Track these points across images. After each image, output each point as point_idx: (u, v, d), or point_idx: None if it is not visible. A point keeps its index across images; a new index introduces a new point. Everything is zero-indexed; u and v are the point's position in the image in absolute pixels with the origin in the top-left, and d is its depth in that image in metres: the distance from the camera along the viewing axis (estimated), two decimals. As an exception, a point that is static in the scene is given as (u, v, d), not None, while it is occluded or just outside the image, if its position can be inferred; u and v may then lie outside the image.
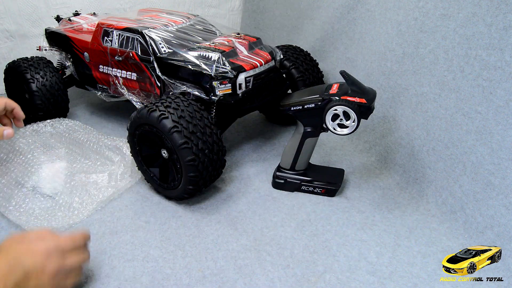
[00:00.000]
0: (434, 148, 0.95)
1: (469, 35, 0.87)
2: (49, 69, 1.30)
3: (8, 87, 1.37)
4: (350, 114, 0.83)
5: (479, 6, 0.85)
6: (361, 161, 1.14)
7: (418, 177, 0.99)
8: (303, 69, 1.22)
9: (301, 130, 0.94)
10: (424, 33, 0.99)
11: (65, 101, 1.34)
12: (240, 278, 0.75)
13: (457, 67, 0.90)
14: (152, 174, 0.97)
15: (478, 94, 0.85)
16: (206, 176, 0.90)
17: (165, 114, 0.86)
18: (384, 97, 1.12)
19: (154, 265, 0.78)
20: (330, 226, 0.89)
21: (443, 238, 0.85)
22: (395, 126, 1.08)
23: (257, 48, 1.12)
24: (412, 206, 0.95)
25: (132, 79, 1.16)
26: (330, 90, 0.88)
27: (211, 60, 1.00)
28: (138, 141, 0.96)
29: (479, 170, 0.84)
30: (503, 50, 0.79)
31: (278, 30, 1.72)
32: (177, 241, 0.84)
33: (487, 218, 0.81)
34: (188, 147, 0.85)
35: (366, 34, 1.23)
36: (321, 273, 0.76)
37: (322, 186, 0.98)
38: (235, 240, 0.85)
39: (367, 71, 1.20)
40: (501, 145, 0.80)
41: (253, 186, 1.03)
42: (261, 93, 1.06)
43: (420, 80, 1.00)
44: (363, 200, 0.97)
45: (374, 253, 0.81)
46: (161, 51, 1.08)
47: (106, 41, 1.17)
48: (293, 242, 0.84)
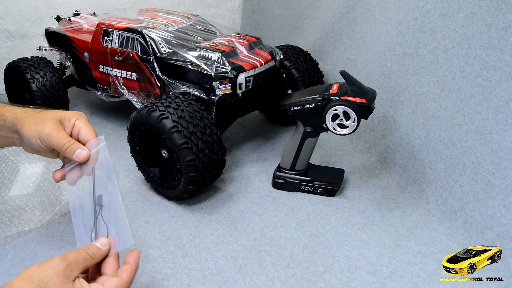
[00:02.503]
0: (434, 148, 0.95)
1: (469, 35, 0.87)
2: (49, 69, 1.30)
3: (8, 87, 1.37)
4: (350, 114, 0.83)
5: (479, 6, 0.85)
6: (361, 161, 1.14)
7: (418, 177, 0.99)
8: (303, 69, 1.22)
9: (301, 130, 0.94)
10: (424, 33, 0.99)
11: (65, 101, 1.34)
12: (240, 278, 0.75)
13: (457, 67, 0.90)
14: (152, 174, 0.97)
15: (478, 94, 0.85)
16: (206, 176, 0.90)
17: (165, 114, 0.86)
18: (384, 97, 1.12)
19: (154, 265, 0.78)
20: (330, 226, 0.89)
21: (443, 238, 0.85)
22: (395, 126, 1.08)
23: (257, 48, 1.12)
24: (412, 206, 0.95)
25: (132, 79, 1.16)
26: (330, 90, 0.88)
27: (211, 60, 1.00)
28: (138, 141, 0.96)
29: (479, 170, 0.84)
30: (503, 50, 0.79)
31: (278, 30, 1.72)
32: (177, 241, 0.84)
33: (487, 218, 0.81)
34: (188, 147, 0.85)
35: (366, 34, 1.23)
36: (321, 273, 0.76)
37: (322, 186, 0.98)
38: (235, 240, 0.85)
39: (367, 71, 1.20)
40: (501, 145, 0.80)
41: (253, 186, 1.03)
42: (261, 93, 1.06)
43: (420, 80, 1.00)
44: (363, 200, 0.97)
45: (374, 253, 0.81)
46: (161, 51, 1.08)
47: (106, 41, 1.17)
48: (293, 242, 0.84)
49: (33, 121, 0.69)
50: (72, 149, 0.69)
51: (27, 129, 0.69)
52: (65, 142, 0.68)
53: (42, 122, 0.69)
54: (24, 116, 0.70)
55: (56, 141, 0.68)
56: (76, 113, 0.73)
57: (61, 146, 0.68)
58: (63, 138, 0.68)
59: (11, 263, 0.79)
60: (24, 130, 0.69)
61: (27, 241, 0.84)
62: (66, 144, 0.68)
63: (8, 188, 0.94)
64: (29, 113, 0.71)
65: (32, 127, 0.69)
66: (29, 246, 0.83)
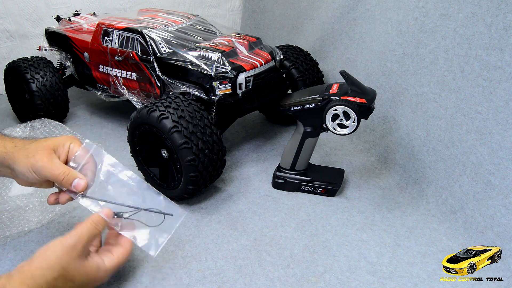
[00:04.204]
0: (434, 148, 0.95)
1: (469, 35, 0.87)
2: (49, 69, 1.30)
3: (8, 87, 1.37)
4: (350, 114, 0.83)
5: (479, 6, 0.85)
6: (361, 161, 1.14)
7: (418, 177, 0.99)
8: (303, 69, 1.22)
9: (301, 130, 0.94)
10: (424, 33, 0.99)
11: (65, 101, 1.34)
12: (240, 278, 0.75)
13: (457, 67, 0.90)
14: (152, 174, 0.97)
15: (478, 94, 0.85)
16: (206, 176, 0.90)
17: (165, 114, 0.86)
18: (384, 97, 1.12)
19: (154, 265, 0.78)
20: (330, 226, 0.89)
21: (443, 238, 0.85)
22: (395, 126, 1.08)
23: (257, 48, 1.12)
24: (412, 206, 0.95)
25: (132, 79, 1.16)
26: (330, 90, 0.88)
27: (211, 60, 1.00)
28: (138, 141, 0.96)
29: (479, 170, 0.84)
30: (503, 50, 0.79)
31: (278, 30, 1.72)
32: (177, 241, 0.84)
33: (487, 218, 0.81)
34: (188, 147, 0.85)
35: (366, 34, 1.23)
36: (321, 273, 0.76)
37: (322, 186, 0.98)
38: (235, 240, 0.85)
39: (367, 71, 1.20)
40: (501, 145, 0.80)
41: (253, 186, 1.03)
42: (261, 93, 1.06)
43: (420, 80, 1.00)
44: (363, 200, 0.97)
45: (374, 253, 0.81)
46: (161, 51, 1.08)
47: (106, 41, 1.17)
48: (293, 242, 0.84)
49: (24, 155, 0.67)
50: (69, 180, 0.68)
51: (19, 163, 0.67)
52: (61, 173, 0.67)
53: (34, 154, 0.67)
54: (14, 150, 0.68)
55: (51, 173, 0.67)
56: (69, 137, 0.72)
57: (56, 178, 0.67)
58: (58, 168, 0.67)
59: (11, 263, 0.79)
60: (16, 165, 0.67)
61: (27, 241, 0.84)
62: (62, 175, 0.67)
63: (8, 188, 0.95)
64: (19, 146, 0.69)
65: (24, 161, 0.67)
66: (29, 246, 0.83)
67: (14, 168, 0.68)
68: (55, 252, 0.60)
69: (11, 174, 0.71)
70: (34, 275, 0.58)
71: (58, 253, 0.60)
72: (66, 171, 0.68)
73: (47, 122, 1.24)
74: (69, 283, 0.61)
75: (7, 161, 0.68)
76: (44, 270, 0.59)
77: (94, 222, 0.66)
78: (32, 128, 1.21)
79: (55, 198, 0.71)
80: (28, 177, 0.67)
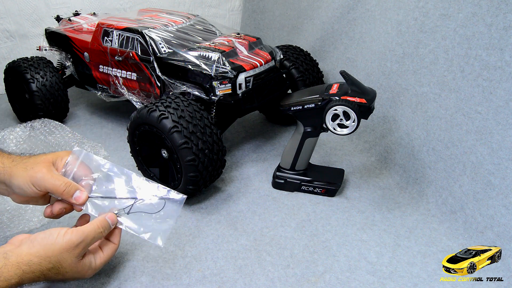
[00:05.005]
0: (434, 148, 0.95)
1: (469, 35, 0.87)
2: (49, 69, 1.30)
3: (8, 87, 1.37)
4: (350, 114, 0.83)
5: (479, 6, 0.85)
6: (361, 161, 1.14)
7: (418, 177, 0.99)
8: (303, 69, 1.22)
9: (301, 130, 0.94)
10: (424, 33, 0.99)
11: (65, 101, 1.34)
12: (240, 278, 0.75)
13: (457, 67, 0.90)
14: (152, 174, 0.97)
15: (478, 94, 0.85)
16: (206, 176, 0.90)
17: (165, 114, 0.86)
18: (384, 97, 1.12)
19: (154, 265, 0.78)
20: (330, 226, 0.89)
21: (443, 238, 0.85)
22: (395, 126, 1.08)
23: (257, 48, 1.12)
24: (412, 206, 0.95)
25: (132, 79, 1.16)
26: (330, 90, 0.88)
27: (211, 60, 1.00)
28: (138, 141, 0.96)
29: (479, 170, 0.84)
30: (503, 50, 0.79)
31: (278, 30, 1.72)
32: (177, 241, 0.84)
33: (487, 218, 0.81)
34: (188, 147, 0.85)
35: (366, 34, 1.23)
36: (321, 273, 0.76)
37: (322, 186, 0.98)
38: (235, 240, 0.85)
39: (367, 71, 1.20)
40: (501, 145, 0.80)
41: (253, 186, 1.03)
42: (261, 93, 1.06)
43: (420, 80, 1.00)
44: (363, 200, 0.97)
45: (374, 253, 0.81)
46: (161, 51, 1.08)
47: (106, 41, 1.17)
48: (293, 242, 0.84)
49: (23, 168, 0.67)
50: (70, 192, 0.68)
51: (18, 177, 0.67)
52: (61, 184, 0.67)
53: (33, 166, 0.67)
54: (12, 165, 0.68)
55: (51, 183, 0.67)
56: (67, 152, 0.73)
57: (57, 189, 0.67)
58: (58, 180, 0.67)
59: (11, 263, 0.79)
60: (14, 179, 0.67)
61: (27, 241, 0.84)
62: (63, 186, 0.67)
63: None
64: (17, 161, 0.69)
65: (23, 174, 0.67)
66: (29, 246, 0.83)
67: (11, 182, 0.68)
68: (56, 245, 0.61)
69: (6, 191, 0.71)
70: (31, 261, 0.59)
71: (60, 247, 0.61)
72: (68, 182, 0.68)
73: (47, 122, 1.25)
74: (59, 276, 0.63)
75: (3, 177, 0.68)
76: (41, 259, 0.60)
77: (101, 225, 0.67)
78: (32, 128, 1.21)
79: (50, 210, 0.71)
80: (26, 190, 0.67)
